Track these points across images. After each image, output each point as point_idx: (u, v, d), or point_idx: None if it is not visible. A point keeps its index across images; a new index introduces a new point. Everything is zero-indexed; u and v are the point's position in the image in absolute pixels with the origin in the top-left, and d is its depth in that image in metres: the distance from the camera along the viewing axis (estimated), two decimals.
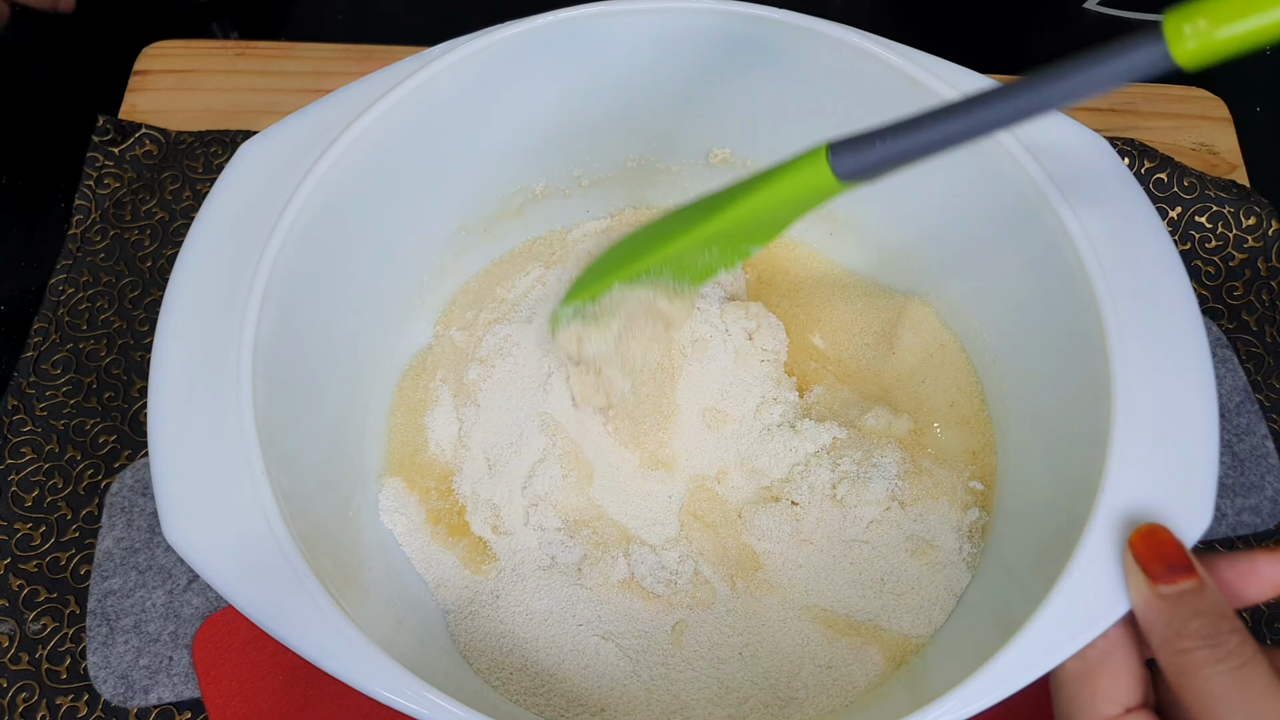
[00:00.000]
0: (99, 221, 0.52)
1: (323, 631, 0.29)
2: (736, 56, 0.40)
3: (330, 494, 0.38)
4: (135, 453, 0.46)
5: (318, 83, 0.57)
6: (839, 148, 0.29)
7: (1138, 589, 0.29)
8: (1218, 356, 0.47)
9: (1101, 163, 0.36)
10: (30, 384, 0.47)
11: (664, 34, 0.40)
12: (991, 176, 0.37)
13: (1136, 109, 0.57)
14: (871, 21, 0.40)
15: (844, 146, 0.29)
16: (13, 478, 0.45)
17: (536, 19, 0.38)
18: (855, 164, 0.29)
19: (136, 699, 0.40)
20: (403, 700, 0.29)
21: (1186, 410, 0.31)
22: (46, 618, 0.42)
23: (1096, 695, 0.29)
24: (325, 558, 0.33)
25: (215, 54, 0.58)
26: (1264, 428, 0.46)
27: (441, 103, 0.39)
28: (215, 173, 0.52)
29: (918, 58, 0.38)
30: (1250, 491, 0.45)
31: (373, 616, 0.33)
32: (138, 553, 0.43)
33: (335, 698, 0.40)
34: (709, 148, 0.46)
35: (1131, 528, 0.30)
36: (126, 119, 0.55)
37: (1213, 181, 0.53)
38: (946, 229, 0.42)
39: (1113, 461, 0.31)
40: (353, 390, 0.41)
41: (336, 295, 0.38)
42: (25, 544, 0.44)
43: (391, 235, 0.41)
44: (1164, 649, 0.27)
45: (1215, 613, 0.27)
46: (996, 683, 0.29)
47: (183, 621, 0.41)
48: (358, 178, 0.37)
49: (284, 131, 0.36)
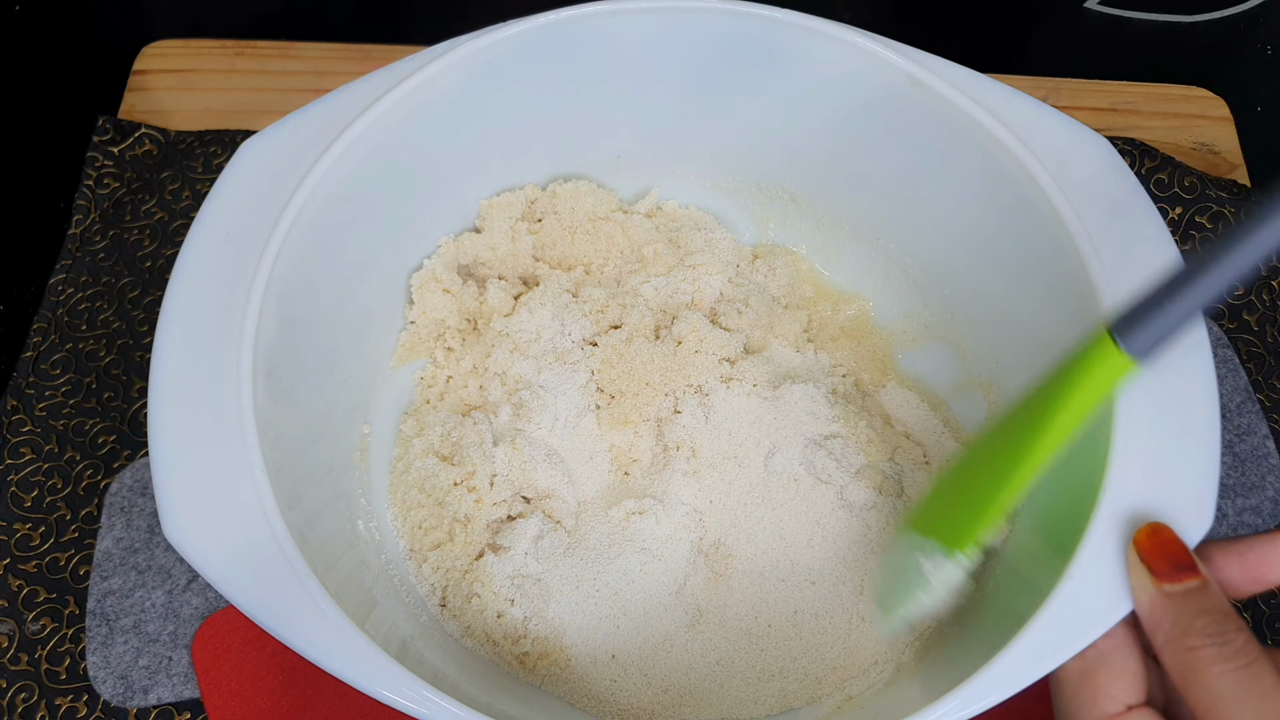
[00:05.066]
0: (99, 222, 0.51)
1: (323, 631, 0.29)
2: (737, 56, 0.40)
3: (331, 492, 0.38)
4: (135, 453, 0.46)
5: (318, 83, 0.57)
6: (1121, 326, 0.27)
7: (1142, 588, 0.29)
8: (1218, 356, 0.47)
9: (1103, 162, 0.36)
10: (30, 384, 0.47)
11: (664, 33, 0.40)
12: (992, 176, 0.37)
13: (1137, 109, 0.57)
14: (871, 21, 0.40)
15: (1125, 323, 0.27)
16: (12, 478, 0.45)
17: (536, 19, 0.38)
18: (1148, 338, 0.26)
19: (136, 699, 0.40)
20: (403, 700, 0.29)
21: (1187, 410, 0.31)
22: (46, 618, 0.42)
23: (1097, 694, 0.29)
24: (325, 557, 0.33)
25: (215, 54, 0.58)
26: (1265, 428, 0.46)
27: (441, 102, 0.38)
28: (215, 173, 0.52)
29: (918, 57, 0.38)
30: (1251, 492, 0.45)
31: (373, 615, 0.33)
32: (137, 553, 0.43)
33: (335, 697, 0.40)
34: (710, 148, 0.46)
35: (1132, 528, 0.30)
36: (126, 119, 0.55)
37: (1213, 181, 0.52)
38: (946, 228, 0.42)
39: (1114, 462, 0.31)
40: (353, 389, 0.41)
41: (336, 295, 0.38)
42: (25, 544, 0.44)
43: (392, 235, 0.41)
44: (1169, 648, 0.27)
45: (1220, 611, 0.27)
46: (997, 683, 0.29)
47: (182, 621, 0.41)
48: (358, 177, 0.37)
49: (284, 131, 0.36)
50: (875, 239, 0.45)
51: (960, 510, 0.32)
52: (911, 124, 0.39)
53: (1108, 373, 0.27)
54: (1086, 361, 0.28)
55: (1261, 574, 0.29)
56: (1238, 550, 0.29)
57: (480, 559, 0.39)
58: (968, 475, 0.33)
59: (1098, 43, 0.62)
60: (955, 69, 0.38)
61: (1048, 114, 0.37)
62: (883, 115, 0.40)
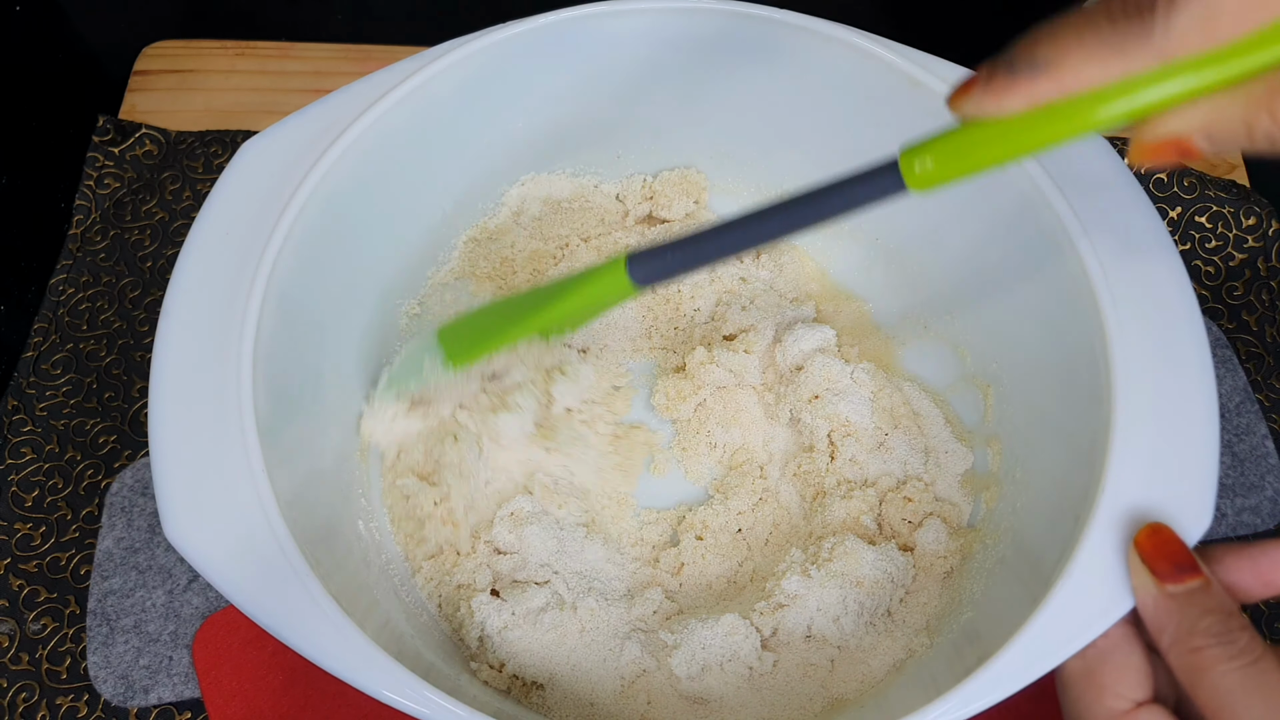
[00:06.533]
0: (99, 222, 0.51)
1: (323, 630, 0.29)
2: (736, 56, 0.40)
3: (331, 492, 0.38)
4: (135, 453, 0.46)
5: (318, 83, 0.57)
6: (636, 258, 0.33)
7: (1144, 588, 0.29)
8: (1218, 356, 0.47)
9: (1102, 162, 0.36)
10: (30, 384, 0.47)
11: (664, 33, 0.40)
12: (992, 176, 0.37)
13: None
14: (871, 21, 0.40)
15: (640, 257, 0.33)
16: (13, 478, 0.45)
17: (536, 19, 0.38)
18: (647, 271, 0.33)
19: (136, 699, 0.40)
20: (404, 700, 0.29)
21: (1187, 410, 0.31)
22: (46, 618, 0.42)
23: (1104, 692, 0.29)
24: (325, 556, 0.33)
25: (215, 54, 0.58)
26: (1264, 428, 0.46)
27: (441, 103, 0.39)
28: (215, 173, 0.52)
29: (918, 58, 0.38)
30: (1250, 491, 0.45)
31: (373, 615, 0.33)
32: (138, 553, 0.43)
33: (335, 697, 0.40)
34: (709, 148, 0.46)
35: (1132, 528, 0.30)
36: (126, 119, 0.55)
37: (1213, 181, 0.53)
38: (946, 229, 0.42)
39: (1113, 462, 0.31)
40: (353, 389, 0.41)
41: (336, 295, 0.39)
42: (25, 544, 0.44)
43: (391, 235, 0.41)
44: (1175, 648, 0.28)
45: (1224, 611, 0.27)
46: (996, 683, 0.29)
47: (183, 621, 0.41)
48: (358, 178, 0.37)
49: (284, 131, 0.36)
50: (875, 239, 0.45)
51: (471, 339, 0.39)
52: (911, 125, 0.39)
53: (614, 288, 0.34)
54: (602, 273, 0.34)
55: (1273, 579, 0.29)
56: (1249, 555, 0.29)
57: (474, 589, 0.39)
58: (490, 317, 0.39)
59: None
60: (955, 70, 0.38)
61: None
62: (882, 116, 0.40)
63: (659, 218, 0.48)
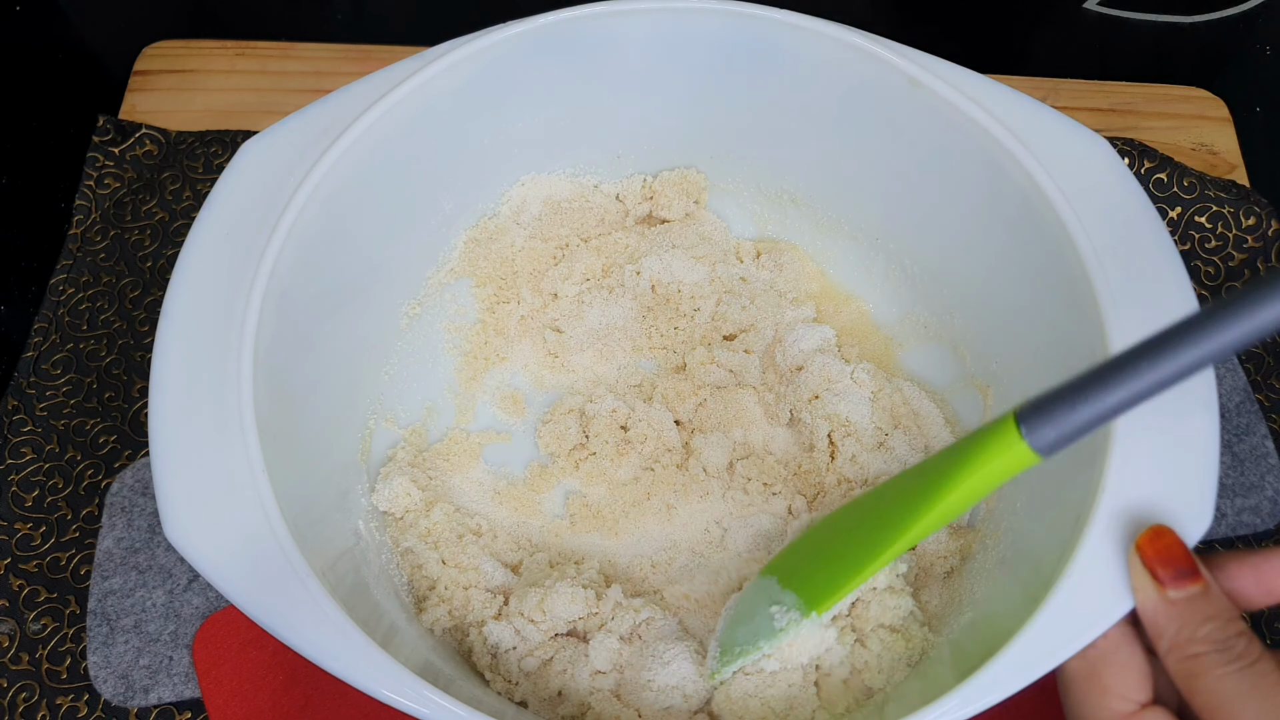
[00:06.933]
0: (99, 222, 0.51)
1: (323, 630, 0.29)
2: (737, 57, 0.41)
3: (331, 492, 0.38)
4: (135, 453, 0.46)
5: (318, 83, 0.57)
6: (1029, 415, 0.25)
7: (1144, 592, 0.29)
8: None
9: (1102, 163, 0.36)
10: (30, 384, 0.47)
11: (665, 34, 0.40)
12: (992, 177, 0.37)
13: (1136, 109, 0.57)
14: (871, 22, 0.40)
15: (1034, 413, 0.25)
16: (13, 478, 0.45)
17: (537, 19, 0.38)
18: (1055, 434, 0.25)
19: (137, 699, 0.40)
20: (403, 699, 0.29)
21: (1186, 410, 0.31)
22: (47, 618, 0.42)
23: (1107, 694, 0.29)
24: (325, 557, 0.33)
25: (215, 54, 0.58)
26: (1264, 428, 0.46)
27: (441, 103, 0.39)
28: (215, 173, 0.52)
29: (918, 58, 0.38)
30: (1250, 491, 0.45)
31: (373, 615, 0.33)
32: (138, 552, 0.43)
33: (335, 697, 0.40)
34: (710, 148, 0.46)
35: (1132, 528, 0.30)
36: (126, 119, 0.55)
37: (1213, 181, 0.53)
38: (946, 229, 0.42)
39: (1113, 462, 0.31)
40: (353, 389, 0.41)
41: (336, 295, 0.38)
42: (25, 544, 0.44)
43: (391, 235, 0.41)
44: (1174, 653, 0.28)
45: (1223, 616, 0.27)
46: (997, 683, 0.29)
47: (183, 621, 0.41)
48: (358, 178, 0.37)
49: (284, 131, 0.36)
50: (875, 239, 0.45)
51: (826, 569, 0.31)
52: (911, 125, 0.39)
53: (1007, 462, 0.26)
54: (987, 445, 0.26)
55: (1275, 586, 0.29)
56: (1252, 562, 0.29)
57: (482, 620, 0.38)
58: (841, 534, 0.32)
59: (1097, 43, 0.62)
60: (955, 70, 0.38)
61: (1047, 115, 0.37)
62: (882, 116, 0.40)
63: (659, 218, 0.48)
